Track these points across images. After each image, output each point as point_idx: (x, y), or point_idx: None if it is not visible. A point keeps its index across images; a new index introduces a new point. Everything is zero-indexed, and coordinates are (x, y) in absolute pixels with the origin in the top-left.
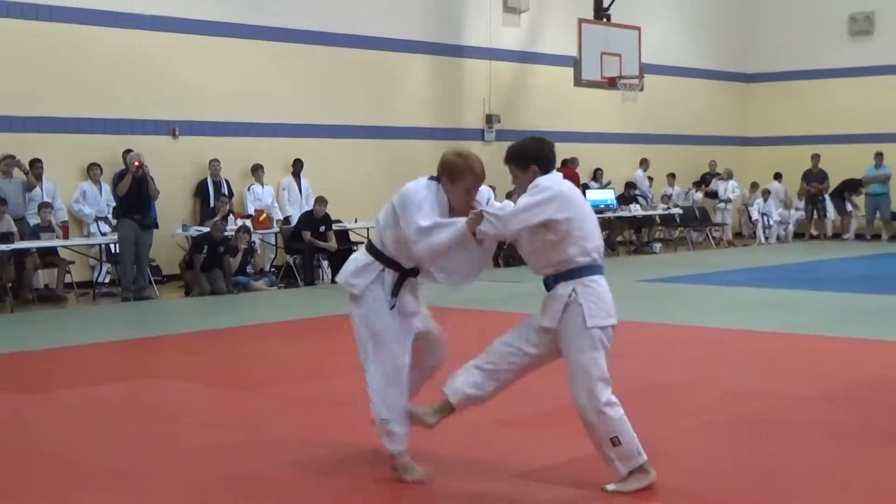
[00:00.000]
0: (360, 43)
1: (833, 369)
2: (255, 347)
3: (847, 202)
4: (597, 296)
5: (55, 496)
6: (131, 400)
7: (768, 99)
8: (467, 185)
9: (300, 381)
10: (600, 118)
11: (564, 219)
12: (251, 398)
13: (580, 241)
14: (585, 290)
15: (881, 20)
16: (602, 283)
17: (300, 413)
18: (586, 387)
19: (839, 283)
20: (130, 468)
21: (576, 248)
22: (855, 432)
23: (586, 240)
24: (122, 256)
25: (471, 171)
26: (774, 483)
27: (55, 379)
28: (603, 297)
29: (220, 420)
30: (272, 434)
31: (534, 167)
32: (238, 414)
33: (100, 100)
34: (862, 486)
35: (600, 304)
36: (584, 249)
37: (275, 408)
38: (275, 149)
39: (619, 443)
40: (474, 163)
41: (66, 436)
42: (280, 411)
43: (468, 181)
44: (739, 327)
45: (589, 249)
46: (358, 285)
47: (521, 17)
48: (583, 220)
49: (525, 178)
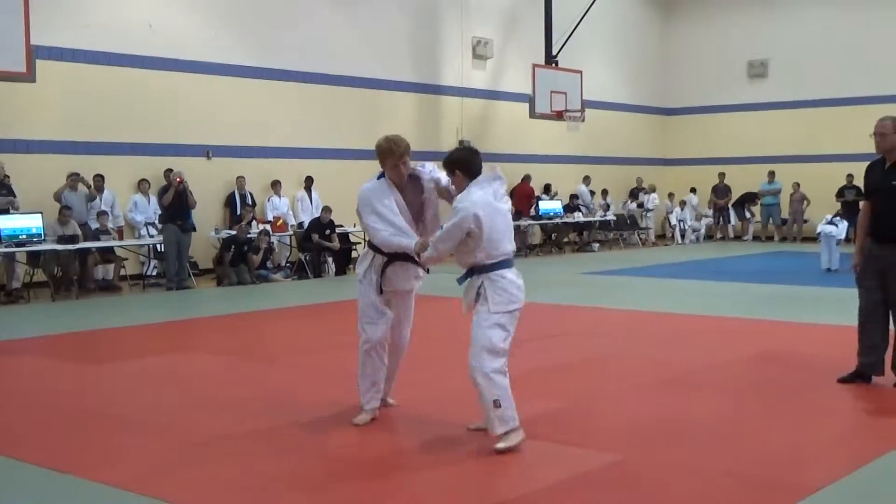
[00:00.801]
0: (359, 83)
1: (735, 343)
2: (274, 327)
3: (746, 210)
4: (501, 287)
5: (114, 445)
6: (174, 369)
7: (684, 128)
8: (394, 159)
9: (310, 354)
10: (550, 143)
11: (477, 229)
12: (270, 368)
13: (489, 246)
14: (491, 284)
15: (774, 66)
16: (507, 275)
17: (310, 380)
18: (479, 355)
19: (740, 275)
20: (174, 423)
21: (483, 254)
22: (752, 393)
23: (492, 245)
24: (166, 254)
25: (390, 150)
26: (686, 431)
27: (112, 352)
28: (506, 288)
29: (245, 385)
30: (288, 396)
31: (458, 171)
32: (260, 380)
33: (149, 128)
34: (759, 433)
35: (503, 294)
36: (491, 254)
37: (290, 375)
38: (290, 168)
39: (500, 406)
40: (395, 143)
41: (121, 398)
42: (294, 378)
43: (395, 156)
44: (660, 310)
45: (494, 255)
46: (359, 272)
47: (487, 62)
48: (488, 230)
49: (454, 180)
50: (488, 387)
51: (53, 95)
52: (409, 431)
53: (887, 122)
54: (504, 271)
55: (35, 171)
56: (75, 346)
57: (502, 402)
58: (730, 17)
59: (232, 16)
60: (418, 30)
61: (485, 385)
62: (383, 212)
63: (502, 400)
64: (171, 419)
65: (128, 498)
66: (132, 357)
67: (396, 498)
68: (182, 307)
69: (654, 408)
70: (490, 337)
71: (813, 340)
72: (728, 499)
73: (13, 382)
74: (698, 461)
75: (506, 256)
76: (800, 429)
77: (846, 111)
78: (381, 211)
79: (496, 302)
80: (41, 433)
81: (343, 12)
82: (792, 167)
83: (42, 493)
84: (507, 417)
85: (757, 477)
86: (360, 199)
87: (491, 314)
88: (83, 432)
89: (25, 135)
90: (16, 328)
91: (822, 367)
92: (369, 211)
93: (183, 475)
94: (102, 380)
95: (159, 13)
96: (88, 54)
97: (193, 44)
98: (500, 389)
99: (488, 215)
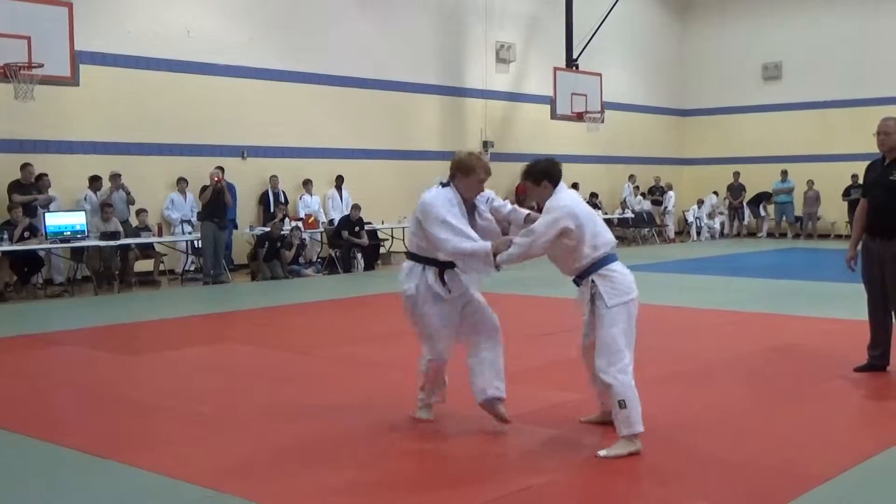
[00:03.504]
0: (386, 86)
1: (750, 337)
2: (306, 320)
3: (761, 209)
4: (612, 280)
5: (151, 430)
6: (211, 359)
7: (700, 129)
8: (479, 178)
9: (340, 346)
10: (570, 144)
11: (575, 226)
12: (303, 358)
13: (594, 239)
14: (602, 279)
15: (787, 68)
16: (616, 269)
17: (340, 370)
18: (603, 355)
19: (755, 271)
20: (210, 412)
21: (588, 248)
22: (767, 384)
23: (596, 237)
24: (203, 250)
25: (481, 165)
26: (702, 422)
27: (152, 343)
28: (618, 280)
29: (279, 375)
30: (319, 386)
31: (545, 181)
32: (293, 370)
33: (186, 130)
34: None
35: (616, 286)
36: (597, 245)
37: (321, 366)
38: (320, 167)
39: (625, 406)
40: (483, 160)
41: (160, 387)
42: (325, 368)
43: (479, 174)
44: (676, 304)
45: (599, 245)
46: (410, 287)
47: (510, 66)
48: (589, 223)
49: (537, 191)
50: (615, 387)
51: (96, 98)
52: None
53: (890, 121)
54: (612, 265)
55: (78, 170)
56: (117, 337)
57: (627, 403)
58: (745, 22)
59: (265, 22)
60: (444, 35)
61: (614, 385)
62: (450, 220)
63: (627, 401)
64: (206, 407)
65: (165, 482)
66: (171, 348)
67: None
68: (218, 301)
69: (670, 399)
70: (613, 335)
71: (826, 334)
72: (743, 488)
73: (58, 372)
74: (714, 451)
75: (611, 247)
76: (813, 419)
77: (857, 112)
78: (448, 220)
79: (611, 295)
80: (84, 420)
81: (371, 18)
82: (805, 167)
83: (85, 477)
84: (633, 420)
85: (771, 466)
86: (424, 208)
87: (609, 310)
88: (119, 419)
89: (69, 136)
90: (61, 321)
91: (836, 360)
92: (436, 222)
93: (219, 460)
94: (141, 370)
95: (196, 19)
96: (129, 59)
97: (229, 49)
98: (624, 389)
99: (584, 212)
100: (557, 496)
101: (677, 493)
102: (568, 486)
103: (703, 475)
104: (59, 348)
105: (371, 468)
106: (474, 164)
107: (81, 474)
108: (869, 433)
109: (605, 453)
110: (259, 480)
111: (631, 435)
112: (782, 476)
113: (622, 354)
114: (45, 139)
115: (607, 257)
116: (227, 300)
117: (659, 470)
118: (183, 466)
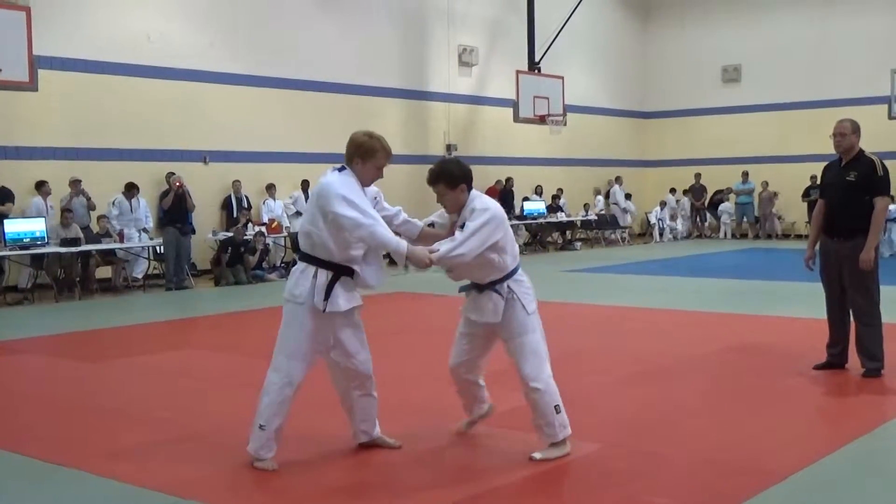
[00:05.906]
0: (349, 90)
1: (710, 336)
2: (268, 325)
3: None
4: (526, 287)
5: (114, 437)
6: (174, 365)
7: (662, 131)
8: (379, 163)
9: None
10: (533, 146)
11: (503, 235)
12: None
13: (513, 248)
14: (517, 285)
15: (746, 71)
16: (523, 276)
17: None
18: (533, 363)
19: (715, 271)
20: (171, 417)
21: (510, 257)
22: (727, 383)
23: (514, 245)
24: (165, 256)
25: (382, 148)
26: (663, 421)
27: (113, 350)
28: (527, 286)
29: (244, 380)
30: None
31: (462, 185)
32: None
33: (147, 135)
34: (734, 421)
35: (529, 292)
36: (516, 256)
37: None
38: (283, 172)
39: (560, 410)
40: (384, 142)
41: (122, 393)
42: None
43: (380, 158)
44: (640, 305)
45: (516, 253)
46: (300, 295)
47: (473, 69)
48: (510, 231)
49: (451, 195)
50: (550, 393)
51: (55, 104)
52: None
53: (846, 123)
54: (521, 272)
55: (37, 177)
56: (78, 344)
57: (561, 408)
58: (705, 25)
59: (227, 27)
60: (406, 39)
61: (547, 391)
62: (355, 199)
63: (560, 405)
64: (168, 413)
65: (129, 490)
66: (131, 354)
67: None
68: (180, 306)
69: (631, 399)
70: (538, 340)
71: (786, 333)
72: (704, 485)
73: (19, 381)
74: (676, 450)
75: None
76: (774, 417)
77: (815, 113)
78: (351, 198)
79: (529, 301)
80: (45, 428)
81: (334, 22)
82: (765, 167)
83: (46, 487)
84: (566, 421)
85: (732, 463)
86: (325, 190)
87: (529, 315)
88: (81, 425)
89: (27, 142)
90: (21, 328)
91: (795, 358)
92: (338, 198)
93: (183, 466)
94: (103, 376)
95: (157, 24)
96: (89, 64)
97: (190, 53)
98: (555, 392)
99: (506, 218)
100: (522, 497)
101: (638, 490)
102: (533, 487)
103: (664, 473)
104: (19, 357)
105: (339, 473)
106: (375, 146)
107: (42, 484)
108: (828, 430)
109: (540, 456)
110: (223, 487)
111: (566, 437)
112: (743, 473)
113: (546, 358)
114: (2, 145)
115: (518, 266)
116: (191, 306)
117: (621, 468)
118: (146, 474)
